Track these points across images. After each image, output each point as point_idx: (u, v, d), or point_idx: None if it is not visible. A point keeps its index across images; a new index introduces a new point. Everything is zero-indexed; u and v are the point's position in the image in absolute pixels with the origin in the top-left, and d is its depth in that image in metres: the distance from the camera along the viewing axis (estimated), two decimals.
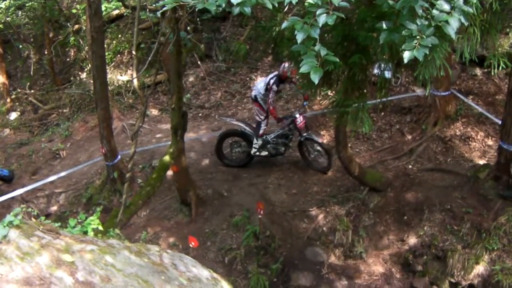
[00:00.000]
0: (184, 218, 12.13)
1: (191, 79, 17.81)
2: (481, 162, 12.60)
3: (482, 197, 11.43)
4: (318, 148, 12.80)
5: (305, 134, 12.62)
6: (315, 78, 4.34)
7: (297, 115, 12.53)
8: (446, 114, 13.57)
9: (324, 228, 11.79)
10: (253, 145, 12.89)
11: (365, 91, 8.59)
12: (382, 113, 14.47)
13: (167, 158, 10.69)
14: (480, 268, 10.43)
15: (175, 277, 4.88)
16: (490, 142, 13.13)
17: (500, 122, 11.88)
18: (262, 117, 12.72)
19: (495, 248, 10.42)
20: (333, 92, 9.03)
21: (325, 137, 13.79)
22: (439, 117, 13.55)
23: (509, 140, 11.06)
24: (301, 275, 11.09)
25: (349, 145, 12.52)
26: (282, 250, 11.39)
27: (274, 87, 12.24)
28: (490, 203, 11.24)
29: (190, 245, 10.04)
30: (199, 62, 17.88)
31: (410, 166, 12.92)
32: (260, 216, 11.13)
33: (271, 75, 12.59)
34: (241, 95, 16.95)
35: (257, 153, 12.99)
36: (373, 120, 13.76)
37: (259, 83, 12.94)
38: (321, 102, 12.96)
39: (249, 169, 13.37)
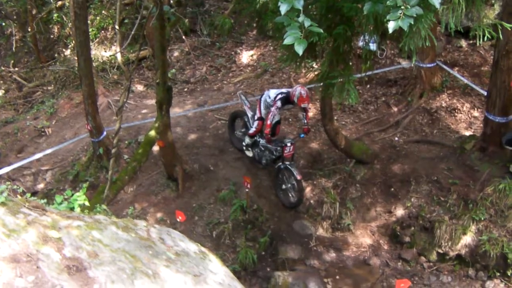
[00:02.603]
0: (171, 193, 12.10)
1: (176, 54, 17.75)
2: (467, 133, 12.67)
3: (468, 168, 11.51)
4: (294, 182, 11.66)
5: (287, 162, 11.62)
6: (299, 50, 4.33)
7: (288, 144, 11.49)
8: (431, 85, 13.62)
9: (312, 201, 11.83)
10: (244, 140, 12.44)
11: (350, 63, 8.59)
12: (368, 86, 14.49)
13: (152, 133, 10.63)
14: (467, 239, 10.50)
15: (162, 252, 4.87)
16: (476, 114, 13.19)
17: (485, 94, 11.92)
18: (256, 117, 11.97)
19: (482, 218, 10.48)
20: (318, 64, 9.01)
21: (311, 110, 13.73)
22: (425, 89, 13.60)
23: (495, 111, 11.13)
24: (289, 248, 11.14)
25: (335, 117, 12.53)
26: (269, 224, 11.43)
27: (279, 103, 11.32)
28: (476, 174, 11.31)
29: (178, 220, 10.04)
30: (183, 37, 17.81)
31: (396, 138, 12.96)
32: (247, 190, 11.14)
33: (282, 90, 11.74)
34: (226, 70, 16.89)
35: (244, 149, 12.45)
36: (359, 92, 13.72)
37: (272, 90, 11.87)
38: (306, 74, 12.92)
39: None
